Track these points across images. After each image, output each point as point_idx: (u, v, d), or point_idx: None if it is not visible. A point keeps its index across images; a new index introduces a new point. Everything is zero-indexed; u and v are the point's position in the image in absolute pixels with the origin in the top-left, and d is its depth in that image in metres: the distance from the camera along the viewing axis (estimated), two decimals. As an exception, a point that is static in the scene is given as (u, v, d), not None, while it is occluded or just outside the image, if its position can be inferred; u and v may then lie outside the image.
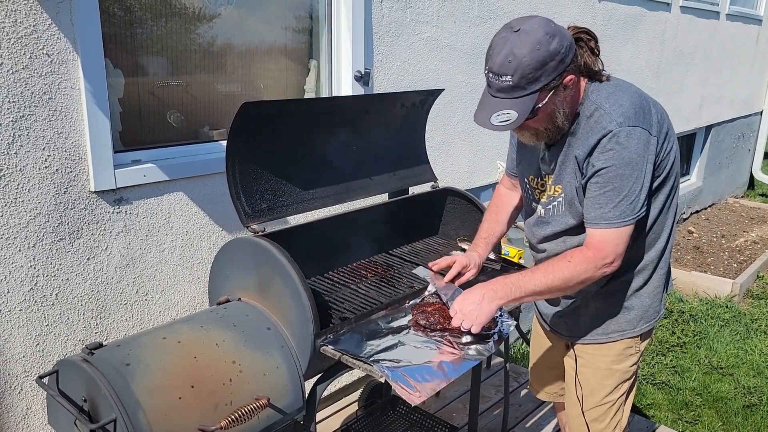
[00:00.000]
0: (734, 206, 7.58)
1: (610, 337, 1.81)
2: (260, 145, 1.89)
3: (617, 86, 1.63)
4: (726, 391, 3.71)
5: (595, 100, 1.59)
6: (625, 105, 1.57)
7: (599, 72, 1.63)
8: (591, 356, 1.86)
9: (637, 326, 1.80)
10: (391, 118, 2.36)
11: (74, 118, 1.97)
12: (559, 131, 1.63)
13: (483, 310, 1.65)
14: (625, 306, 1.78)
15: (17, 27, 1.81)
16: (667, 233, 1.75)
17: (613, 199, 1.55)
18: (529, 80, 1.47)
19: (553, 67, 1.48)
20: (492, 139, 3.73)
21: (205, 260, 2.42)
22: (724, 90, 6.83)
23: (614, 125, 1.54)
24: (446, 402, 3.08)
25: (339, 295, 2.02)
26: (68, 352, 2.09)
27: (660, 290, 1.81)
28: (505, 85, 1.49)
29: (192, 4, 2.38)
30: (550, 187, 1.73)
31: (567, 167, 1.66)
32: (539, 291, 1.63)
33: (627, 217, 1.56)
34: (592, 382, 1.87)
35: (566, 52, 1.50)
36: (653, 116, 1.60)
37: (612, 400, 1.86)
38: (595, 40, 1.62)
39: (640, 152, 1.54)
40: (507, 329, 1.78)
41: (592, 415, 1.88)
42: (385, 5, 2.92)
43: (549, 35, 1.47)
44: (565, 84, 1.53)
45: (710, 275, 5.21)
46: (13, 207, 1.89)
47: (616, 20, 4.70)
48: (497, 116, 1.51)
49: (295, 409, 1.70)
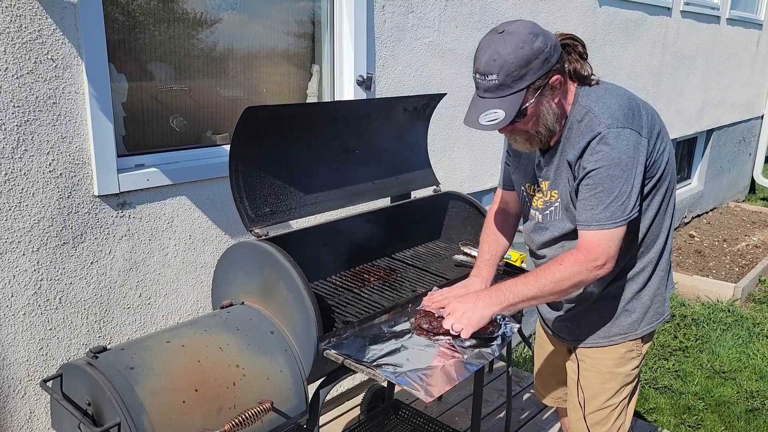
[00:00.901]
0: (736, 210, 7.58)
1: (613, 340, 1.82)
2: (263, 149, 1.89)
3: (606, 89, 1.64)
4: (728, 396, 3.70)
5: (585, 104, 1.61)
6: (613, 107, 1.58)
7: (588, 76, 1.64)
8: (593, 360, 1.86)
9: (639, 328, 1.81)
10: (393, 122, 2.37)
11: (78, 122, 1.98)
12: (551, 135, 1.63)
13: (476, 314, 1.65)
14: (626, 309, 1.79)
15: (22, 32, 1.82)
16: (665, 235, 1.75)
17: (604, 201, 1.55)
18: (514, 78, 1.49)
19: (537, 66, 1.50)
20: (494, 144, 3.74)
21: (208, 264, 2.43)
22: (725, 94, 6.84)
23: (603, 127, 1.55)
24: (448, 406, 3.08)
25: (342, 299, 2.02)
26: (72, 356, 2.10)
27: (661, 292, 1.81)
28: (491, 85, 1.51)
29: (195, 9, 2.39)
30: (547, 192, 1.73)
31: (561, 172, 1.67)
32: (533, 295, 1.63)
33: (618, 218, 1.56)
34: (593, 386, 1.86)
35: (551, 51, 1.52)
36: (643, 118, 1.60)
37: (614, 404, 1.86)
38: (582, 45, 1.64)
39: (629, 153, 1.54)
40: (510, 331, 1.78)
41: (594, 419, 1.88)
42: (387, 10, 2.94)
43: (533, 35, 1.50)
44: (552, 84, 1.55)
45: (712, 279, 5.20)
46: (17, 211, 1.89)
47: (617, 25, 4.72)
48: (485, 116, 1.53)
49: (298, 412, 1.70)
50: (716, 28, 6.26)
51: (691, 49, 5.91)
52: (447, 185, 2.99)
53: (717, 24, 6.26)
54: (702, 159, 7.04)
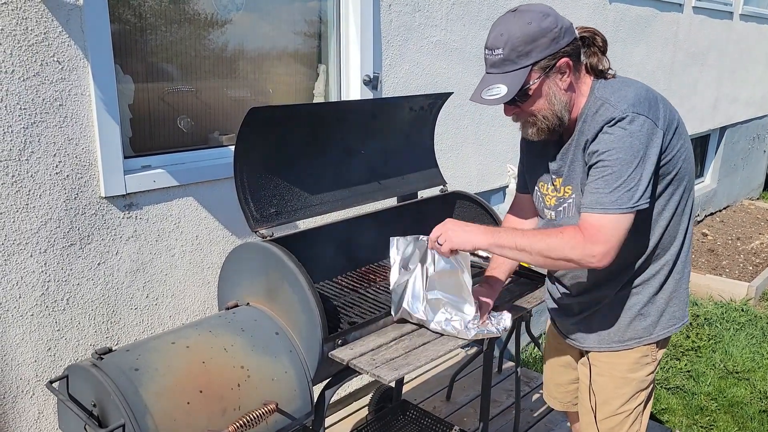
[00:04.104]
0: (749, 208, 7.49)
1: (627, 344, 1.77)
2: (268, 149, 1.89)
3: (623, 82, 1.62)
4: (742, 396, 3.65)
5: (601, 96, 1.58)
6: (630, 96, 1.55)
7: (606, 71, 1.63)
8: (606, 364, 1.81)
9: (654, 332, 1.75)
10: (400, 121, 2.35)
11: (84, 124, 1.99)
12: (560, 123, 1.60)
13: (463, 235, 1.66)
14: (640, 312, 1.74)
15: (28, 34, 1.83)
16: (683, 236, 1.70)
17: (611, 184, 1.50)
18: (519, 53, 1.49)
19: (544, 45, 1.49)
20: (502, 143, 3.71)
21: (214, 265, 2.43)
22: (738, 91, 6.76)
23: (618, 112, 1.52)
24: (457, 407, 3.07)
25: (347, 299, 2.01)
26: (79, 356, 2.11)
27: (678, 295, 1.76)
28: (496, 59, 1.52)
29: (201, 10, 2.40)
30: (560, 188, 1.71)
31: (576, 165, 1.64)
32: (522, 247, 1.59)
33: (623, 204, 1.50)
34: (606, 391, 1.82)
35: (560, 33, 1.51)
36: (660, 110, 1.57)
37: (628, 410, 1.81)
38: (602, 39, 1.62)
39: (642, 140, 1.50)
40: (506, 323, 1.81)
41: (607, 426, 1.83)
42: (394, 9, 2.92)
43: (543, 14, 1.50)
44: (559, 67, 1.53)
45: (725, 278, 5.14)
46: (25, 213, 1.90)
47: (627, 21, 4.67)
48: (488, 90, 1.53)
49: (303, 414, 1.70)
50: (729, 24, 6.19)
51: (703, 46, 5.84)
52: (454, 185, 2.98)
53: (730, 20, 6.18)
54: (715, 156, 6.97)
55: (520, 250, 1.59)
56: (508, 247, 1.60)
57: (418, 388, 3.22)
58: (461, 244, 1.66)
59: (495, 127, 3.66)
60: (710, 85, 6.15)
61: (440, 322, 1.79)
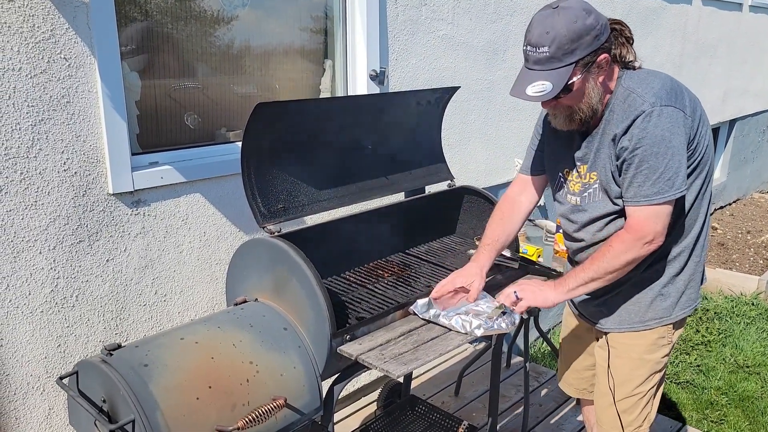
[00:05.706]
0: (759, 201, 7.43)
1: (647, 324, 1.82)
2: (275, 145, 1.89)
3: (649, 72, 1.70)
4: (752, 390, 3.63)
5: (628, 86, 1.65)
6: (656, 87, 1.62)
7: (632, 61, 1.69)
8: (624, 346, 1.86)
9: (673, 313, 1.81)
10: (407, 116, 2.34)
11: (92, 121, 1.99)
12: (593, 114, 1.66)
13: (541, 294, 1.74)
14: (661, 293, 1.79)
15: (35, 32, 1.83)
16: (702, 220, 1.77)
17: (650, 177, 1.59)
18: (565, 51, 1.54)
19: (588, 42, 1.55)
20: (510, 137, 3.70)
21: (222, 261, 2.43)
22: (748, 83, 6.70)
23: (647, 105, 1.59)
24: (466, 402, 3.06)
25: (355, 295, 2.01)
26: (89, 352, 2.12)
27: (695, 278, 1.83)
28: (542, 57, 1.55)
29: (208, 6, 2.39)
30: (585, 175, 1.76)
31: (602, 153, 1.70)
32: (591, 278, 1.69)
33: (665, 193, 1.59)
34: (624, 373, 1.87)
35: (601, 30, 1.57)
36: (686, 98, 1.65)
37: (643, 392, 1.86)
38: (629, 30, 1.69)
39: (673, 130, 1.57)
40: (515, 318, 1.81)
41: (622, 407, 1.88)
42: (400, 3, 2.91)
43: (586, 11, 1.55)
44: (599, 63, 1.59)
45: (735, 272, 5.11)
46: (33, 210, 1.91)
47: (636, 13, 4.63)
48: (532, 87, 1.57)
49: (312, 409, 1.70)
50: (739, 16, 6.13)
51: (712, 38, 5.79)
52: (462, 180, 2.97)
53: (739, 11, 6.12)
54: (725, 149, 6.91)
55: (590, 282, 1.70)
56: (580, 288, 1.72)
57: (427, 384, 3.22)
58: (542, 305, 1.76)
59: (502, 122, 3.64)
60: (719, 78, 6.10)
61: (450, 317, 1.79)
